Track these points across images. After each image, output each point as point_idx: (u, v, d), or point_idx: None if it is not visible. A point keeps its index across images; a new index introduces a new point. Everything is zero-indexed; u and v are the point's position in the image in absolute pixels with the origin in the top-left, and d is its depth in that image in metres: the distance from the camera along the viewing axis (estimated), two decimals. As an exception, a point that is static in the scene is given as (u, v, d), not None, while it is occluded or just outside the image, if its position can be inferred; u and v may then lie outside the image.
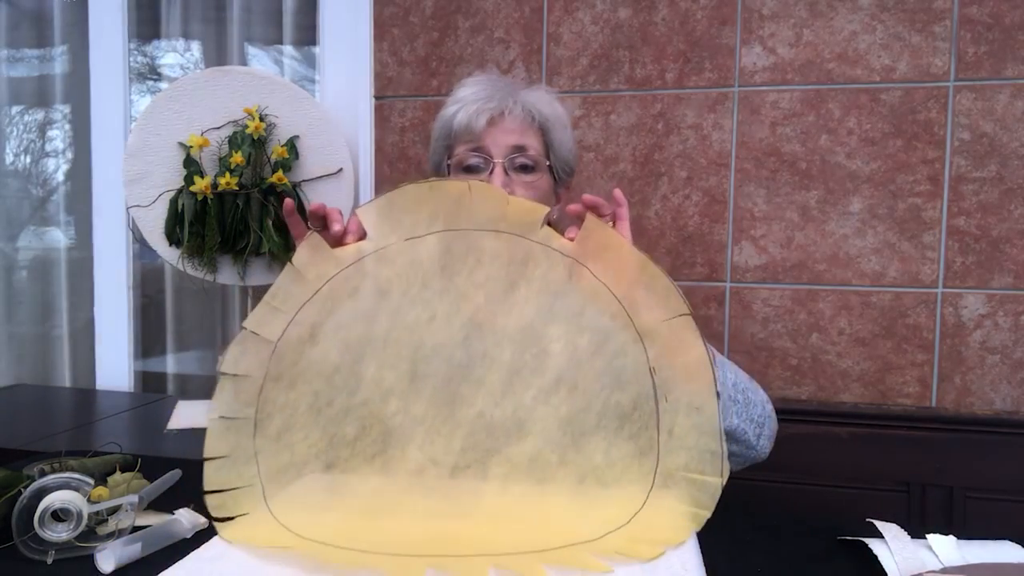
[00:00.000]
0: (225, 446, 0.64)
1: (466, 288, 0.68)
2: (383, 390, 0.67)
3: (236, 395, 0.65)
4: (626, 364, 0.65)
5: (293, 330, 0.66)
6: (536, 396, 0.66)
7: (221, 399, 0.65)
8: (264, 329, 0.66)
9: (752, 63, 1.23)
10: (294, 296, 0.67)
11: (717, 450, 0.62)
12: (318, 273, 0.67)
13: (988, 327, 1.18)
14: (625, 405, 0.65)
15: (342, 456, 0.66)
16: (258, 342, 0.66)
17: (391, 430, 0.67)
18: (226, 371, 0.65)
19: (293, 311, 0.67)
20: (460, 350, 0.68)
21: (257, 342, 0.66)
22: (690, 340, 0.64)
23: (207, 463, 0.63)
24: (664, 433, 0.64)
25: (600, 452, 0.65)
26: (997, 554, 0.59)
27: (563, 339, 0.67)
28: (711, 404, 0.63)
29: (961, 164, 1.18)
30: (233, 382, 0.65)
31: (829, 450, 1.18)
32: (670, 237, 1.28)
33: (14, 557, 0.57)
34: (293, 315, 0.66)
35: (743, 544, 0.63)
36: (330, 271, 0.68)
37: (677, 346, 0.64)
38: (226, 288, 1.64)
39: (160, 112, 1.28)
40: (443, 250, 0.68)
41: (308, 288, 0.67)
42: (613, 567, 0.54)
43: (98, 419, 1.33)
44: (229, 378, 0.65)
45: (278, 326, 0.66)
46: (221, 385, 0.65)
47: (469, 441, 0.66)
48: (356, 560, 0.55)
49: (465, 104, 0.89)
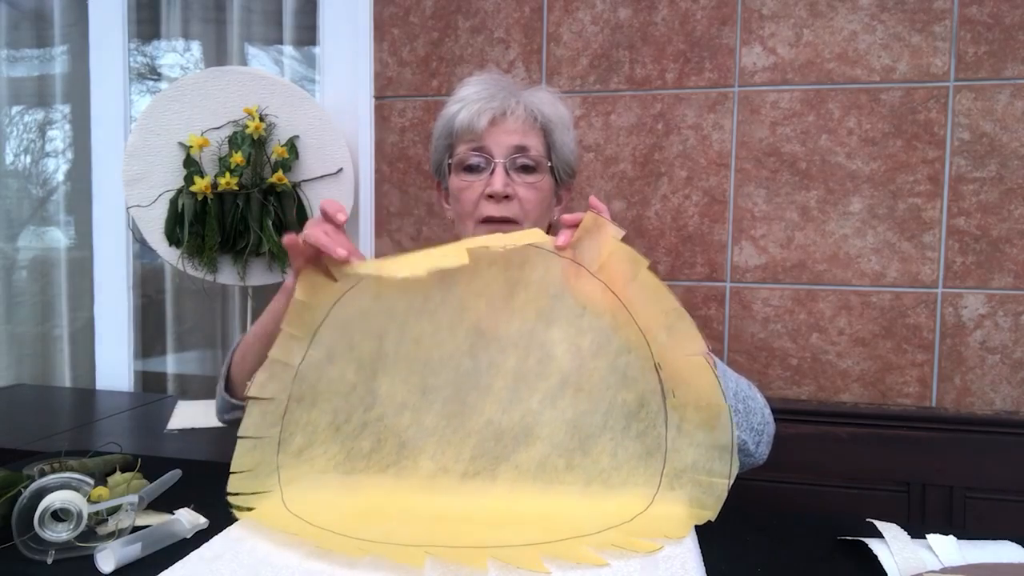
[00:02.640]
0: (250, 462, 0.67)
1: (466, 297, 0.68)
2: (397, 404, 0.69)
3: (263, 417, 0.68)
4: (630, 361, 0.65)
5: (313, 353, 0.68)
6: (542, 400, 0.67)
7: (249, 421, 0.67)
8: (286, 356, 0.68)
9: (752, 63, 1.23)
10: (306, 323, 0.68)
11: (728, 445, 0.62)
12: (321, 302, 0.69)
13: (988, 327, 1.18)
14: (631, 403, 0.65)
15: (358, 468, 0.68)
16: (282, 368, 0.68)
17: (404, 442, 0.68)
18: (254, 395, 0.67)
19: (309, 337, 0.68)
20: (467, 359, 0.68)
21: (282, 368, 0.68)
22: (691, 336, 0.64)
23: (233, 476, 0.66)
24: (672, 429, 0.64)
25: (607, 454, 0.65)
26: (997, 554, 0.59)
27: (566, 341, 0.67)
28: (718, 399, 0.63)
29: (961, 164, 1.18)
30: (260, 405, 0.68)
31: (829, 450, 1.18)
32: (670, 237, 1.28)
33: (14, 557, 0.57)
34: (309, 340, 0.68)
35: (743, 544, 0.63)
36: (331, 299, 0.69)
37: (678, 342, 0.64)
38: (226, 288, 1.64)
39: (160, 112, 1.28)
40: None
41: (317, 315, 0.69)
42: (610, 561, 0.54)
43: (98, 419, 1.33)
44: (256, 402, 0.67)
45: (299, 352, 0.68)
46: (249, 409, 0.68)
47: (479, 449, 0.67)
48: (359, 547, 0.56)
49: (467, 103, 0.89)
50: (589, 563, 0.54)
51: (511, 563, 0.54)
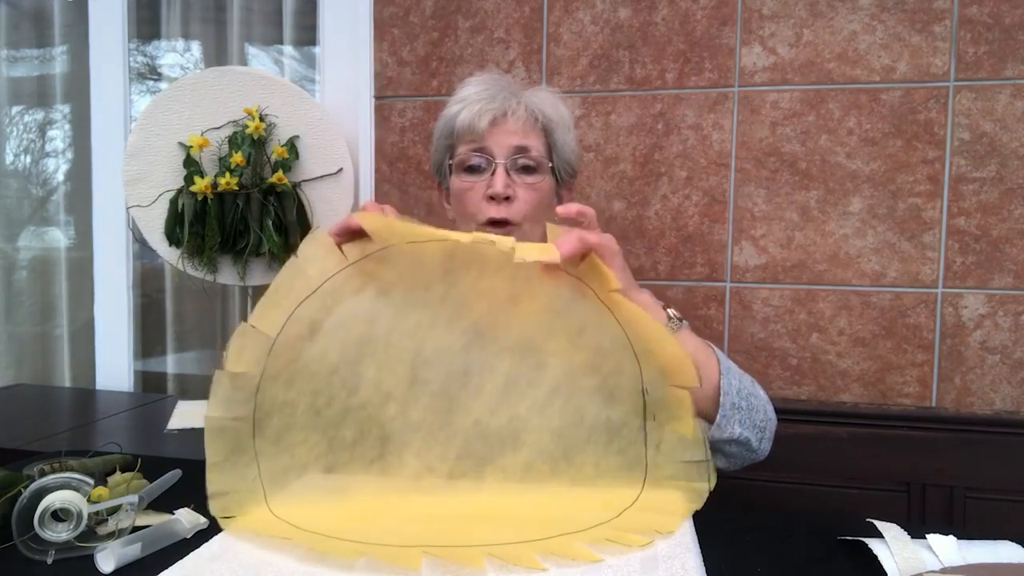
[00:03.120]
0: (224, 447, 0.64)
1: (469, 295, 0.68)
2: (382, 393, 0.67)
3: (233, 391, 0.64)
4: (620, 383, 0.66)
5: (292, 327, 0.65)
6: (530, 407, 0.67)
7: (217, 396, 0.64)
8: (263, 323, 0.65)
9: (752, 63, 1.23)
10: (295, 291, 0.66)
11: (703, 459, 0.64)
12: (321, 269, 0.67)
13: (988, 327, 1.18)
14: (615, 421, 0.66)
15: (342, 460, 0.66)
16: (257, 336, 0.65)
17: (389, 435, 0.67)
18: (227, 366, 0.64)
19: (293, 306, 0.66)
20: (460, 357, 0.68)
21: (257, 336, 0.65)
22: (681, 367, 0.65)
23: (209, 467, 0.63)
24: (651, 448, 0.66)
25: (590, 464, 0.66)
26: (997, 554, 0.59)
27: (561, 354, 0.67)
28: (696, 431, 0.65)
29: (961, 164, 1.17)
30: (230, 378, 0.64)
31: (829, 450, 1.18)
32: (670, 237, 1.28)
33: (14, 557, 0.57)
34: (292, 310, 0.65)
35: (743, 544, 0.63)
36: (332, 268, 0.67)
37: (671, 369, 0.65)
38: (226, 288, 1.64)
39: (160, 112, 1.28)
40: (446, 255, 0.68)
41: (309, 284, 0.66)
42: (608, 560, 0.54)
43: (98, 419, 1.33)
44: (226, 374, 0.64)
45: (278, 321, 0.65)
46: (217, 380, 0.64)
47: (465, 450, 0.67)
48: (354, 549, 0.55)
49: (468, 103, 0.89)
50: (584, 559, 0.54)
51: (508, 561, 0.54)
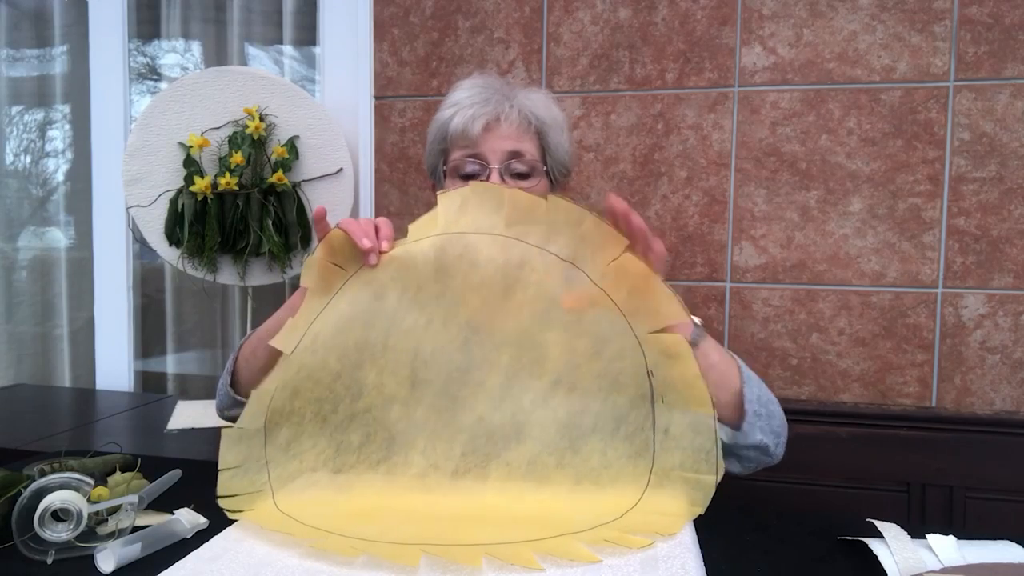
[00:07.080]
0: (236, 457, 0.66)
1: (462, 291, 0.68)
2: (385, 396, 0.68)
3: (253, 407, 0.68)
4: (624, 367, 0.66)
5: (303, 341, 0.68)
6: (534, 399, 0.67)
7: (244, 412, 0.68)
8: (284, 345, 0.69)
9: (752, 63, 1.23)
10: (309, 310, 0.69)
11: (712, 448, 0.63)
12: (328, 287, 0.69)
13: (988, 327, 1.18)
14: (622, 406, 0.66)
15: (348, 463, 0.67)
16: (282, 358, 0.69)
17: (394, 436, 0.68)
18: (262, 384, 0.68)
19: (306, 326, 0.69)
20: (459, 354, 0.68)
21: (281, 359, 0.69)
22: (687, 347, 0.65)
23: (222, 472, 0.66)
24: (660, 432, 0.65)
25: (597, 453, 0.65)
26: (997, 554, 0.59)
27: (561, 343, 0.67)
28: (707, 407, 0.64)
29: (961, 164, 1.17)
30: (256, 395, 0.68)
31: (829, 450, 1.18)
32: (670, 237, 1.28)
33: (14, 557, 0.57)
34: (305, 329, 0.68)
35: (743, 544, 0.63)
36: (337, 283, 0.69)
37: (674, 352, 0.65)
38: (226, 288, 1.64)
39: (160, 112, 1.28)
40: (437, 253, 0.68)
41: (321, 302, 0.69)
42: (607, 560, 0.54)
43: (98, 419, 1.33)
44: (255, 392, 0.68)
45: (294, 341, 0.69)
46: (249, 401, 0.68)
47: (469, 446, 0.67)
48: (354, 547, 0.56)
49: (461, 108, 0.88)
50: (582, 560, 0.54)
51: (505, 560, 0.54)
